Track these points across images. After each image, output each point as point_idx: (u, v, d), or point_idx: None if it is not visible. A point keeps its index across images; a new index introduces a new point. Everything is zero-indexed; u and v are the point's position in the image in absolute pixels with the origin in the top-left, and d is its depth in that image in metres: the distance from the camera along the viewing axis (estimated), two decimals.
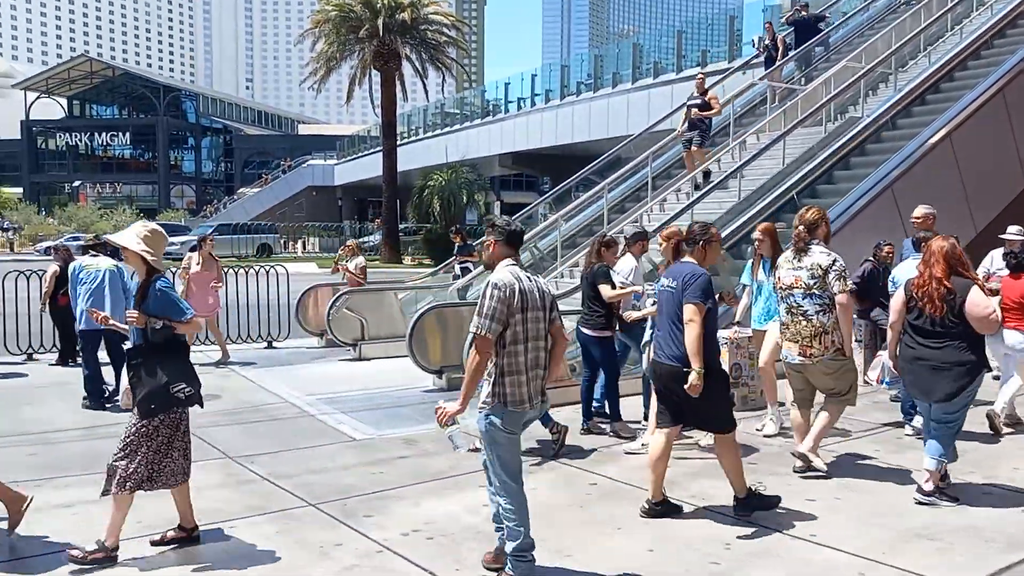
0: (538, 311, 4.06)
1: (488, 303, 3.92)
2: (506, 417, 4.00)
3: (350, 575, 4.14)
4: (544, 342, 4.13)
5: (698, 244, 4.98)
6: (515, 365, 3.99)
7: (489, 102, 40.49)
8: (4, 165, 74.06)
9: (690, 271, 4.87)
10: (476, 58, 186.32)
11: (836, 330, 5.53)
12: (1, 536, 4.61)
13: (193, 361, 4.80)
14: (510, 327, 3.96)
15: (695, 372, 4.68)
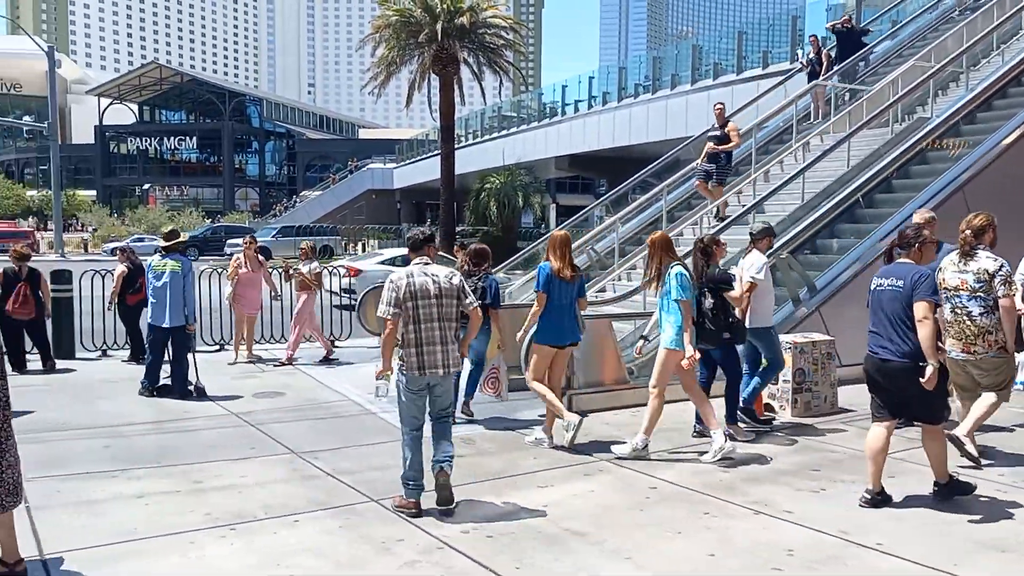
0: (430, 299, 5.09)
1: (385, 294, 5.12)
2: (407, 379, 5.12)
3: (412, 571, 4.20)
4: (440, 323, 5.13)
5: (913, 247, 5.23)
6: (409, 341, 5.08)
7: (546, 105, 40.51)
8: (79, 169, 76.89)
9: (917, 271, 5.09)
10: (533, 61, 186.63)
11: (999, 330, 5.77)
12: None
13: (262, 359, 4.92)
14: (403, 311, 5.06)
15: (932, 367, 4.89)
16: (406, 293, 5.09)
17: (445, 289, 5.17)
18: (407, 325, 5.09)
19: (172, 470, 5.88)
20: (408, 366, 5.08)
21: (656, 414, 6.32)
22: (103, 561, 4.24)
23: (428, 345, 5.10)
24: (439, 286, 5.15)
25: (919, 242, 5.25)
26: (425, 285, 5.12)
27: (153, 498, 5.26)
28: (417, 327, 5.08)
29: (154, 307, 8.45)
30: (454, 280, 5.24)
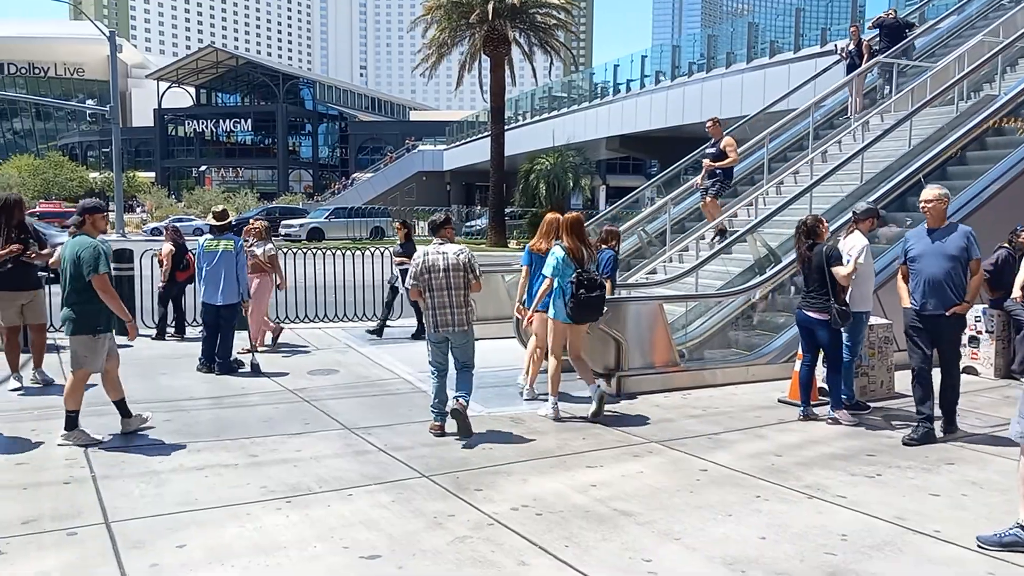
0: (438, 272, 6.28)
1: (410, 269, 6.41)
2: (430, 334, 6.43)
3: (463, 545, 4.25)
4: (448, 292, 6.28)
5: None
6: (427, 305, 6.35)
7: (597, 85, 40.16)
8: (139, 151, 78.95)
9: None
10: (584, 40, 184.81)
11: None
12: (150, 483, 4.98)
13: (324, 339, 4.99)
14: (421, 282, 6.32)
15: None
16: (422, 268, 6.33)
17: (452, 264, 6.32)
18: (424, 293, 6.35)
19: (230, 444, 6.04)
20: (429, 324, 6.38)
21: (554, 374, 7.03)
22: (166, 530, 4.38)
23: (440, 309, 6.32)
24: (447, 261, 6.32)
25: None
26: (436, 261, 6.32)
27: (212, 470, 5.42)
28: (431, 295, 6.33)
29: (207, 286, 8.66)
30: (461, 257, 6.36)
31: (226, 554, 4.08)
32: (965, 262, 6.12)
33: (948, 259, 6.12)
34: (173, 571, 3.88)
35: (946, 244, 6.16)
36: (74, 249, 5.97)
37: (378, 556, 4.10)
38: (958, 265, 6.11)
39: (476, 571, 3.96)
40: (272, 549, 4.15)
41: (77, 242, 6.02)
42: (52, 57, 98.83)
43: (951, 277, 6.11)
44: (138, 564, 3.95)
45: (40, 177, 61.04)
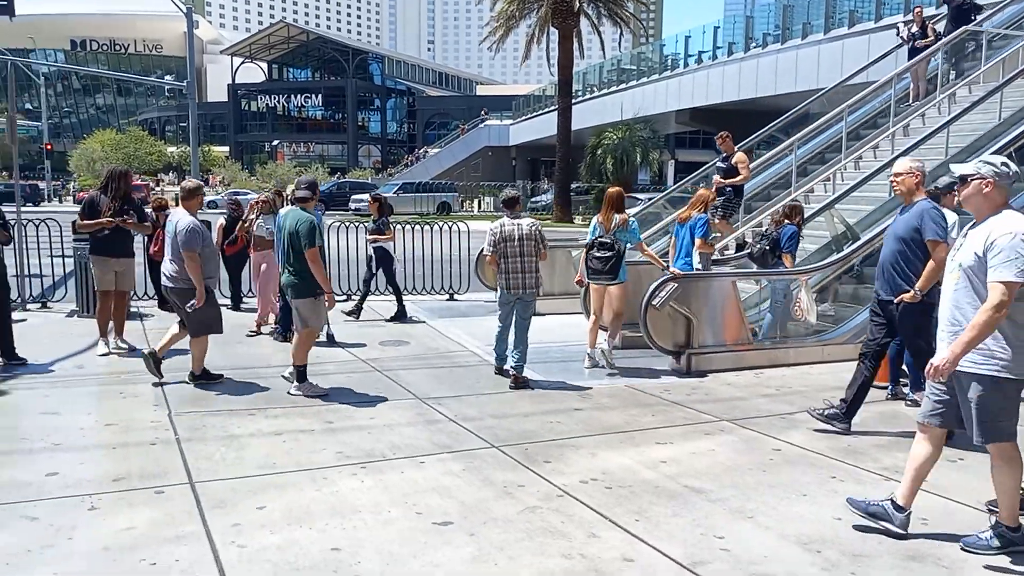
0: (513, 242, 7.18)
1: (487, 238, 7.30)
2: (502, 294, 7.32)
3: (533, 515, 4.29)
4: (520, 259, 7.19)
5: None
6: (502, 270, 7.24)
7: (667, 57, 39.36)
8: (214, 126, 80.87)
9: None
10: (654, 11, 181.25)
11: None
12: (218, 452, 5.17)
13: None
14: (497, 250, 7.21)
15: None
16: (500, 237, 7.22)
17: (526, 234, 7.22)
18: (500, 260, 7.23)
19: (306, 410, 6.21)
20: (502, 286, 7.28)
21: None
22: (248, 491, 4.54)
23: (513, 273, 7.21)
24: (521, 232, 7.22)
25: None
26: (512, 232, 7.22)
27: (290, 435, 5.59)
28: (506, 261, 7.21)
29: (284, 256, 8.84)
30: (532, 229, 7.26)
31: (304, 516, 4.21)
32: (918, 244, 5.49)
33: (897, 240, 5.61)
34: (254, 531, 4.03)
35: (899, 223, 5.66)
36: (294, 222, 6.57)
37: (450, 523, 4.18)
38: (906, 247, 5.53)
39: (547, 540, 4.00)
40: (348, 512, 4.27)
41: (298, 215, 6.61)
42: (132, 34, 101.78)
43: (897, 260, 5.59)
44: (221, 523, 4.10)
45: (122, 151, 63.16)
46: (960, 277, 3.87)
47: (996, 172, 3.83)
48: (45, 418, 5.95)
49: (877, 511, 4.15)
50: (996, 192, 3.84)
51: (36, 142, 63.99)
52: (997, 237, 3.72)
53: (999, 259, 3.68)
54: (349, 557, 3.76)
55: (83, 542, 3.87)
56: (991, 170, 3.84)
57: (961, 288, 3.87)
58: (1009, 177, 3.86)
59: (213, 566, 3.66)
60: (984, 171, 3.85)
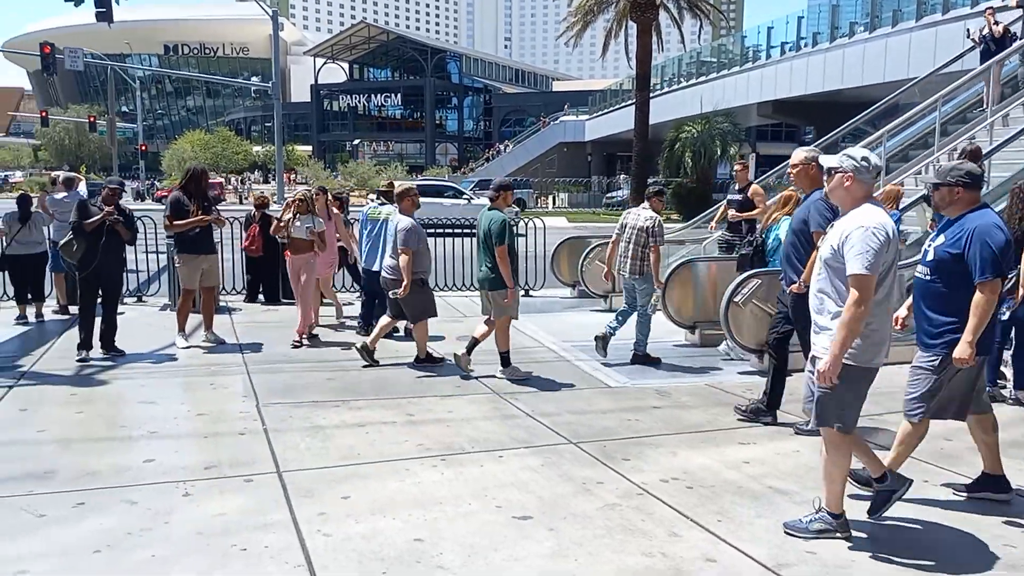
0: (624, 230, 7.90)
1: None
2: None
3: (612, 512, 4.27)
4: (626, 244, 7.86)
5: None
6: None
7: (748, 48, 38.48)
8: (297, 125, 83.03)
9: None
10: (736, 2, 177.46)
11: None
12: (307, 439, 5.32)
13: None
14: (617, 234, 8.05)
15: None
16: (620, 222, 8.03)
17: (640, 226, 7.73)
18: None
19: (388, 403, 6.33)
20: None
21: None
22: (332, 481, 4.66)
23: (622, 256, 7.90)
24: (636, 222, 7.77)
25: None
26: (626, 219, 7.93)
27: (372, 427, 5.70)
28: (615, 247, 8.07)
29: (368, 251, 9.04)
30: (648, 222, 7.70)
31: (387, 506, 4.29)
32: (807, 236, 5.39)
33: (791, 232, 5.63)
34: (339, 520, 4.13)
35: (795, 215, 5.70)
36: (488, 221, 7.17)
37: (529, 517, 4.19)
38: (797, 239, 5.51)
39: (627, 538, 3.97)
40: (430, 504, 4.33)
41: (491, 215, 7.19)
42: (220, 38, 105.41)
43: (790, 252, 5.62)
44: (307, 512, 4.22)
45: (210, 151, 65.51)
46: (821, 269, 3.93)
47: (856, 166, 3.84)
48: (142, 407, 6.23)
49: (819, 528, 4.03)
50: (856, 186, 3.86)
51: (132, 143, 66.87)
52: (851, 231, 3.75)
53: (851, 253, 3.71)
54: (431, 548, 3.82)
55: (178, 526, 4.04)
56: (852, 164, 3.85)
57: (822, 279, 3.91)
58: (870, 171, 3.88)
59: (300, 554, 3.77)
60: (846, 165, 3.86)
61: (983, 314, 4.07)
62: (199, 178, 8.35)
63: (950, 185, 4.23)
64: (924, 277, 4.34)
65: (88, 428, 5.66)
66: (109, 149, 50.39)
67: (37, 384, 6.71)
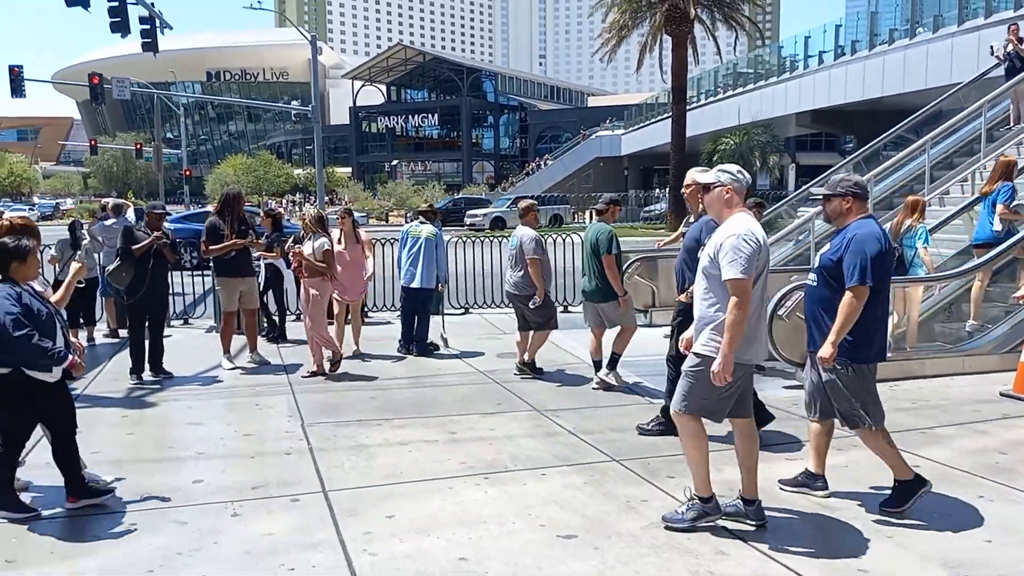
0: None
1: None
2: None
3: (657, 531, 4.23)
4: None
5: None
6: None
7: (786, 58, 38.18)
8: (337, 148, 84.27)
9: None
10: (771, 12, 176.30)
11: None
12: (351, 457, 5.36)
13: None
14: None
15: None
16: None
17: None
18: None
19: (430, 421, 6.36)
20: None
21: None
22: (376, 499, 4.69)
23: None
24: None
25: None
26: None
27: (415, 445, 5.73)
28: None
29: (407, 269, 9.12)
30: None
31: (431, 525, 4.31)
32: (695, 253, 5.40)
33: (683, 250, 5.93)
34: (384, 539, 4.15)
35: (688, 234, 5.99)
36: (594, 233, 7.37)
37: (574, 536, 4.17)
38: (688, 256, 5.73)
39: (673, 556, 3.93)
40: (474, 522, 4.34)
41: (598, 227, 7.41)
42: (260, 63, 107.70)
43: (681, 265, 5.90)
44: (353, 531, 4.25)
45: (252, 174, 66.86)
46: (701, 278, 4.23)
47: (733, 179, 4.21)
48: (190, 428, 6.35)
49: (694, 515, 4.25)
50: (734, 197, 4.21)
51: (176, 168, 68.65)
52: (724, 239, 4.07)
53: (725, 260, 4.02)
54: (476, 567, 3.82)
55: (227, 546, 4.10)
56: (729, 178, 4.21)
57: (701, 287, 4.21)
58: (743, 183, 4.24)
59: (347, 572, 3.79)
60: (724, 179, 4.21)
61: (846, 317, 4.29)
62: (233, 203, 8.50)
63: (840, 196, 4.49)
64: (813, 284, 4.60)
65: (139, 449, 5.79)
66: (155, 175, 51.67)
67: (90, 406, 6.87)
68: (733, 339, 3.96)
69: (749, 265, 3.95)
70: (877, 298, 4.37)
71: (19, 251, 4.50)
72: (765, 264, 4.10)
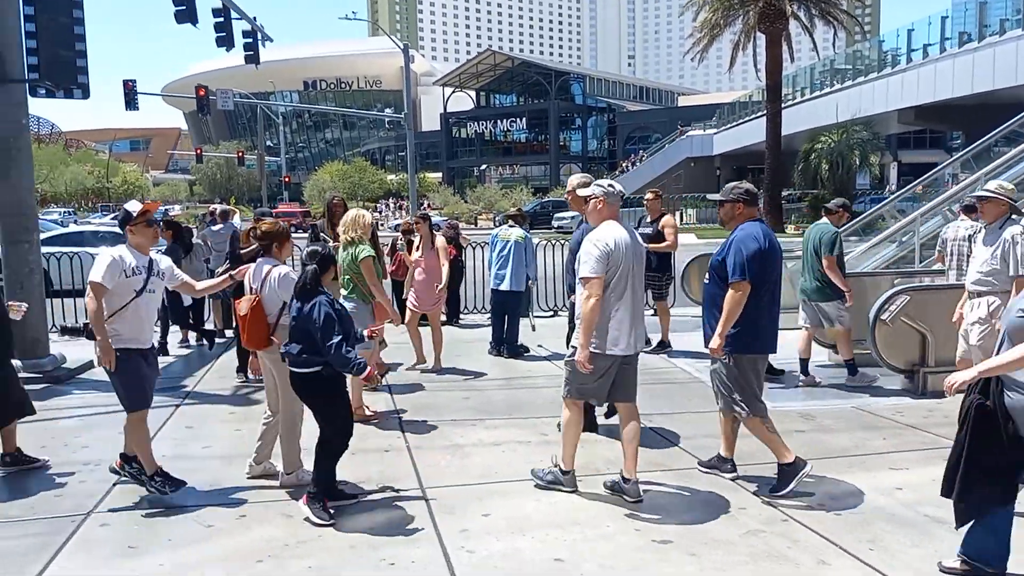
0: None
1: None
2: None
3: (756, 539, 4.17)
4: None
5: None
6: None
7: (887, 52, 36.78)
8: (428, 153, 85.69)
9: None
10: (871, 6, 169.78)
11: None
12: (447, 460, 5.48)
13: None
14: None
15: None
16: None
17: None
18: None
19: (522, 422, 6.44)
20: None
21: None
22: (472, 498, 4.79)
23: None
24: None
25: None
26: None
27: (508, 446, 5.82)
28: None
29: (496, 273, 9.23)
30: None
31: (526, 525, 4.37)
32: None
33: (571, 253, 6.07)
34: (480, 537, 4.24)
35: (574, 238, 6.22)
36: (818, 233, 7.53)
37: (669, 541, 4.16)
38: (573, 256, 5.87)
39: (772, 565, 3.87)
40: (567, 524, 4.38)
41: (821, 227, 7.56)
42: (354, 72, 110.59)
43: (569, 267, 6.12)
44: (450, 528, 4.36)
45: (347, 181, 68.64)
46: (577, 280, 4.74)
47: (605, 192, 4.74)
48: None
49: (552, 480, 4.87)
50: (606, 208, 4.74)
51: (276, 175, 71.08)
52: (586, 243, 4.63)
53: (581, 261, 4.63)
54: (572, 568, 3.86)
55: (332, 539, 4.27)
56: (602, 190, 4.76)
57: (579, 287, 4.68)
58: (616, 195, 4.75)
59: (445, 569, 3.89)
60: (597, 192, 4.77)
61: (730, 310, 4.71)
62: (334, 209, 8.80)
63: (732, 201, 4.93)
64: (707, 283, 5.05)
65: (247, 444, 6.03)
66: (256, 182, 53.84)
67: (200, 403, 7.25)
68: (585, 331, 4.53)
69: (599, 266, 4.49)
70: (760, 293, 4.74)
71: (332, 259, 4.74)
72: (624, 267, 4.56)
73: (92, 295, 4.70)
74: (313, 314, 4.42)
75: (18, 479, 5.34)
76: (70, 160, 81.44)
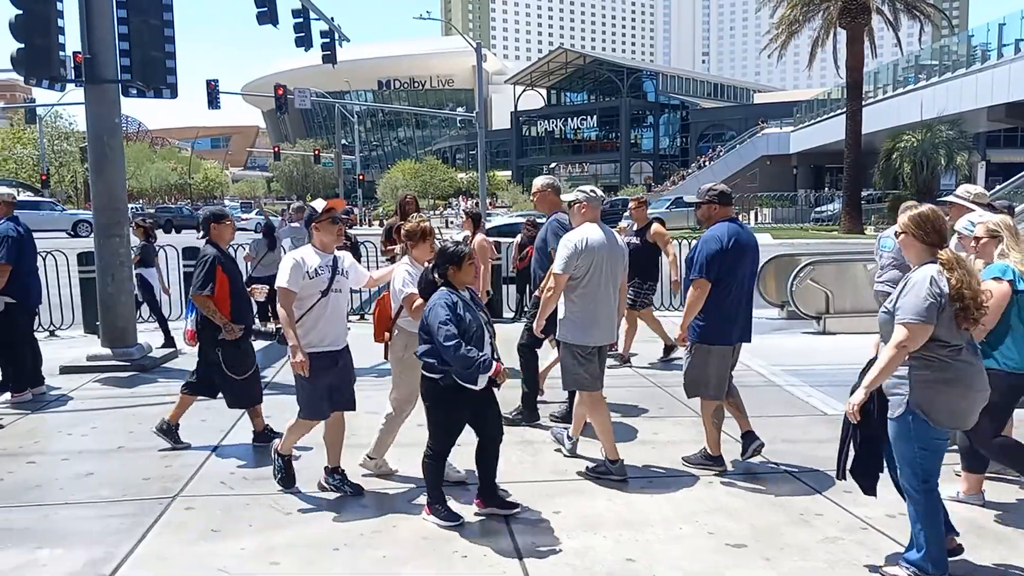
0: None
1: None
2: None
3: (833, 546, 4.08)
4: None
5: None
6: None
7: (976, 48, 35.23)
8: (498, 151, 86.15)
9: None
10: (959, 0, 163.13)
11: None
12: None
13: None
14: None
15: None
16: None
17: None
18: None
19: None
20: None
21: None
22: (544, 495, 4.81)
23: None
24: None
25: None
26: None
27: (579, 445, 5.80)
28: None
29: None
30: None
31: (597, 524, 4.38)
32: (547, 254, 6.00)
33: (536, 251, 6.40)
34: (553, 533, 4.26)
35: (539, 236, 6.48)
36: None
37: (744, 545, 4.11)
38: (540, 256, 6.23)
39: (851, 573, 3.78)
40: (639, 524, 4.36)
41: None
42: (427, 71, 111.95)
43: (535, 265, 6.37)
44: (522, 524, 4.39)
45: (419, 179, 69.60)
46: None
47: (588, 197, 5.18)
48: (369, 417, 6.69)
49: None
50: (588, 211, 5.16)
51: (350, 173, 72.60)
52: (561, 241, 5.14)
53: (555, 256, 5.13)
54: (644, 570, 3.85)
55: (406, 531, 4.35)
56: (584, 196, 5.18)
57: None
58: (598, 200, 5.22)
59: (517, 565, 3.93)
60: (580, 197, 5.18)
61: (690, 305, 5.06)
62: (405, 207, 8.95)
63: (707, 203, 5.19)
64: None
65: (321, 433, 6.20)
66: (332, 179, 55.02)
67: (280, 394, 7.46)
68: (540, 314, 5.23)
69: (567, 263, 4.97)
70: (721, 289, 4.98)
71: (457, 256, 4.38)
72: (594, 264, 4.95)
73: (280, 301, 4.72)
74: (429, 315, 4.27)
75: (110, 462, 5.60)
76: (155, 157, 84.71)
